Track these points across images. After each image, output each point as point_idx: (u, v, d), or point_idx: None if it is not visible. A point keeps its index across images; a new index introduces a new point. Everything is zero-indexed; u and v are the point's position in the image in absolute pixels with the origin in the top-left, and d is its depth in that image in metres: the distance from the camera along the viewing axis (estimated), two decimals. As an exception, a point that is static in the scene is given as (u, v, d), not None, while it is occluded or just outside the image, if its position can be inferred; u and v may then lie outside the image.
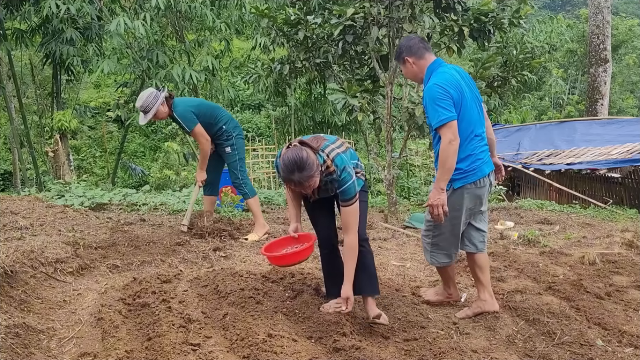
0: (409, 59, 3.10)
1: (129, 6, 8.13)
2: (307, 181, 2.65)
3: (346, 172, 2.78)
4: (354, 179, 2.80)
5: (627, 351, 2.77)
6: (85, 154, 14.56)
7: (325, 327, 2.84)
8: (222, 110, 4.89)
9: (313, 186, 2.71)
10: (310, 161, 2.64)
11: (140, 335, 2.71)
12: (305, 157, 2.63)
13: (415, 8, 5.45)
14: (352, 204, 2.83)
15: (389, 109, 5.89)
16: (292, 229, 3.11)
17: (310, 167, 2.63)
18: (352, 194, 2.81)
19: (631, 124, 11.34)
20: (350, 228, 2.85)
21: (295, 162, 2.62)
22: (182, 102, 4.70)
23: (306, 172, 2.62)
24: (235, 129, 4.84)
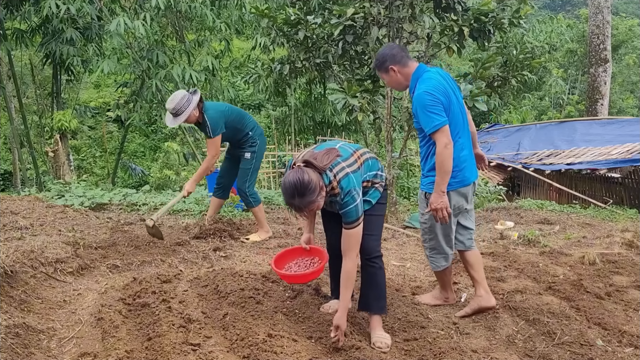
0: (394, 67, 3.13)
1: (129, 6, 8.13)
2: (308, 206, 2.54)
3: (350, 195, 2.61)
4: (357, 203, 2.63)
5: (627, 351, 2.77)
6: (85, 154, 14.57)
7: (325, 327, 2.84)
8: (248, 117, 4.81)
9: (316, 209, 2.62)
10: (312, 186, 2.49)
11: (140, 335, 2.71)
12: (306, 181, 2.49)
13: (415, 8, 5.45)
14: (354, 228, 2.66)
15: (389, 109, 5.89)
16: (304, 240, 3.02)
17: (311, 192, 2.49)
18: (353, 217, 2.64)
19: (631, 124, 11.35)
20: (349, 251, 2.69)
21: (295, 187, 2.49)
22: (215, 107, 4.56)
23: (307, 197, 2.50)
24: (260, 137, 4.75)
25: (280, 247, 4.62)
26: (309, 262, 3.03)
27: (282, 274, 2.96)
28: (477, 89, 5.38)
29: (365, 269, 2.90)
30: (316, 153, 2.67)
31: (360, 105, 5.48)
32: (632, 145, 9.75)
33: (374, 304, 2.88)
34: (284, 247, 4.59)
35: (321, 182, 2.56)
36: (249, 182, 4.72)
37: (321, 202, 2.57)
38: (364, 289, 2.91)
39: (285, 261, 3.08)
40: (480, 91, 5.36)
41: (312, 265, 2.99)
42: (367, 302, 2.90)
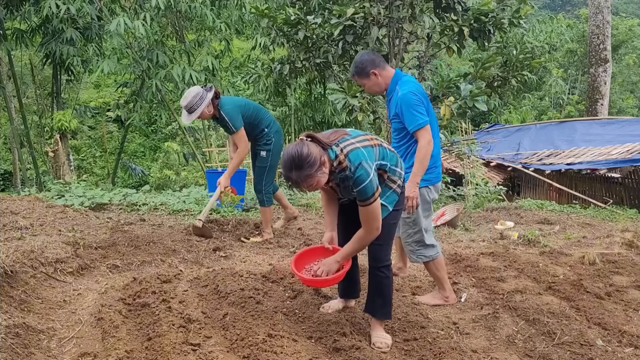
0: (375, 71, 3.30)
1: (129, 6, 8.13)
2: (305, 181, 2.40)
3: (362, 168, 2.44)
4: (371, 177, 2.45)
5: (627, 351, 2.77)
6: (85, 154, 14.57)
7: (325, 327, 2.84)
8: (265, 112, 4.75)
9: (316, 186, 2.46)
10: (311, 158, 2.36)
11: (140, 335, 2.71)
12: (305, 154, 2.36)
13: (415, 8, 5.46)
14: (370, 204, 2.50)
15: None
16: (327, 239, 2.87)
17: (310, 164, 2.36)
18: (369, 193, 2.47)
19: (631, 124, 11.35)
20: (368, 224, 2.56)
21: (293, 159, 2.37)
22: (230, 101, 4.54)
23: (304, 170, 2.37)
24: (276, 135, 4.70)
25: (280, 247, 4.62)
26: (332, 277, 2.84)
27: (301, 277, 2.81)
28: (477, 89, 5.38)
29: (373, 277, 2.83)
30: (322, 133, 2.59)
31: (360, 105, 5.49)
32: (632, 145, 9.75)
33: (378, 310, 2.85)
34: (284, 247, 4.60)
35: (323, 157, 2.42)
36: (265, 181, 4.70)
37: (322, 179, 2.44)
38: (370, 295, 2.86)
39: (305, 261, 2.92)
40: (480, 91, 5.36)
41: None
42: (373, 307, 2.86)
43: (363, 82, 3.37)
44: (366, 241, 2.63)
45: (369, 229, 2.58)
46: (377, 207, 2.52)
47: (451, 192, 8.18)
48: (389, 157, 2.69)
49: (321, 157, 2.41)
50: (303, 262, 2.91)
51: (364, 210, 2.54)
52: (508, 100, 17.45)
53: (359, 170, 2.45)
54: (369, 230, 2.58)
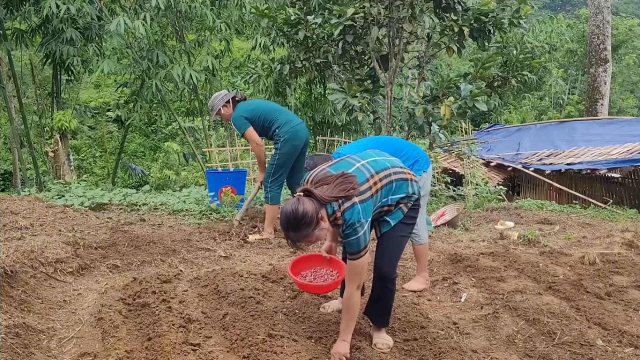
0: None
1: (129, 6, 8.13)
2: (303, 240, 2.42)
3: (352, 228, 2.45)
4: (359, 236, 2.45)
5: (627, 351, 2.77)
6: (85, 154, 14.57)
7: (325, 327, 2.85)
8: (279, 114, 4.90)
9: (315, 241, 2.49)
10: (307, 218, 2.34)
11: (140, 335, 2.71)
12: (300, 214, 2.34)
13: (415, 8, 5.45)
14: (356, 259, 2.50)
15: (389, 109, 5.90)
16: (326, 248, 2.91)
17: (306, 224, 2.35)
18: (354, 249, 2.48)
19: (631, 124, 11.35)
20: (351, 282, 2.55)
21: (288, 219, 2.37)
22: (240, 106, 4.89)
23: (302, 231, 2.37)
24: (287, 134, 4.79)
25: (280, 246, 4.62)
26: (327, 274, 2.91)
27: (297, 281, 2.83)
28: (477, 89, 5.38)
29: (377, 288, 2.80)
30: (329, 177, 2.48)
31: (360, 105, 5.49)
32: (632, 145, 9.75)
33: (378, 318, 2.84)
34: (284, 247, 4.60)
35: (321, 213, 2.40)
36: (271, 178, 4.86)
37: (321, 234, 2.44)
38: (372, 301, 2.84)
39: (301, 267, 2.95)
40: (480, 91, 5.36)
41: (329, 278, 2.87)
42: (373, 313, 2.85)
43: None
44: (353, 304, 2.58)
45: (352, 286, 2.55)
46: (363, 263, 2.53)
47: (451, 192, 8.18)
48: (396, 189, 2.64)
49: (318, 214, 2.38)
50: (300, 267, 2.93)
51: (350, 264, 2.54)
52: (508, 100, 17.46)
53: (349, 229, 2.46)
54: (352, 286, 2.55)
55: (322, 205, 2.41)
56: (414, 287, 3.63)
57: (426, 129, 5.69)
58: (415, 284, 3.67)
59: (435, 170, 8.56)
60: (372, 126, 6.48)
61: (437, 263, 4.25)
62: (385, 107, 5.94)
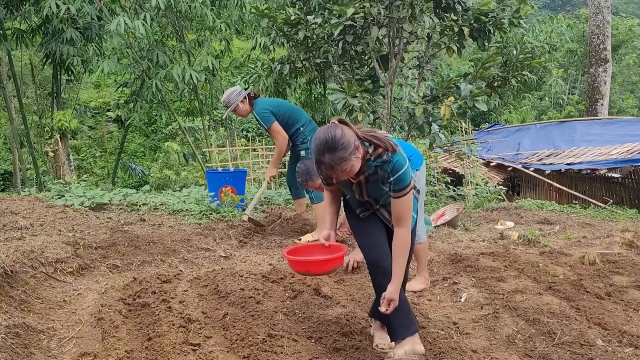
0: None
1: (129, 6, 8.13)
2: (340, 164, 2.23)
3: (400, 154, 2.35)
4: (408, 164, 2.36)
5: (627, 351, 2.77)
6: (85, 154, 14.57)
7: (325, 327, 2.84)
8: (301, 113, 4.96)
9: (349, 172, 2.30)
10: (345, 140, 2.22)
11: (140, 335, 2.71)
12: (338, 136, 2.22)
13: (415, 8, 5.45)
14: (406, 193, 2.37)
15: (389, 109, 5.90)
16: (324, 236, 2.72)
17: (344, 147, 2.21)
18: (407, 181, 2.36)
19: (631, 124, 11.35)
20: (403, 220, 2.41)
21: (326, 140, 2.22)
22: (262, 101, 4.88)
23: (339, 152, 2.21)
24: (312, 133, 4.76)
25: (280, 247, 4.62)
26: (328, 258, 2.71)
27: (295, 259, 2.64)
28: (477, 89, 5.38)
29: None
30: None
31: (360, 105, 5.49)
32: (632, 145, 9.75)
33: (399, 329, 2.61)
34: (284, 247, 4.59)
35: (357, 142, 2.27)
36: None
37: (356, 164, 2.28)
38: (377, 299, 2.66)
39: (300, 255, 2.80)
40: (480, 91, 5.36)
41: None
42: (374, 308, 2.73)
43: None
44: (407, 244, 2.44)
45: (405, 225, 2.43)
46: (411, 198, 2.42)
47: (451, 192, 8.18)
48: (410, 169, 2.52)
49: (355, 141, 2.26)
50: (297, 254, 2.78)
51: (399, 202, 2.39)
52: (508, 100, 17.45)
53: (397, 155, 2.34)
54: (405, 226, 2.43)
55: (357, 138, 2.28)
56: (414, 287, 3.63)
57: (426, 129, 5.69)
58: (415, 284, 3.67)
59: (435, 170, 8.55)
60: (372, 126, 6.48)
61: (437, 263, 4.25)
62: (385, 107, 5.94)
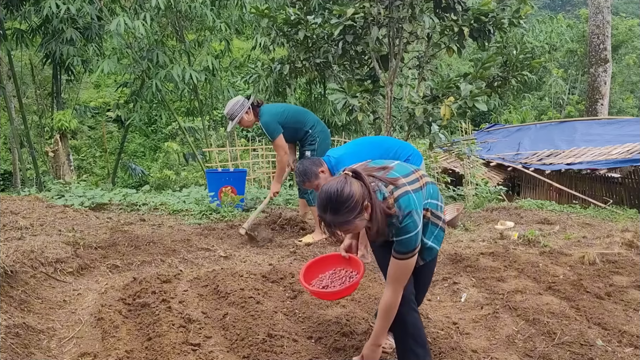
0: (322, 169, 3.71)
1: (129, 6, 8.13)
2: (341, 227, 2.08)
3: (410, 218, 2.11)
4: (418, 230, 2.12)
5: (627, 351, 2.77)
6: (85, 154, 14.56)
7: (325, 327, 2.84)
8: (308, 114, 4.97)
9: (352, 232, 2.20)
10: (352, 202, 2.02)
11: (140, 335, 2.71)
12: (345, 196, 2.02)
13: (415, 8, 5.45)
14: (408, 258, 2.17)
15: (389, 109, 5.89)
16: (345, 245, 2.55)
17: (349, 209, 2.03)
18: (410, 247, 2.14)
19: (631, 124, 11.35)
20: (396, 282, 2.21)
21: (330, 198, 2.04)
22: (268, 110, 4.80)
23: (341, 215, 2.04)
24: (321, 134, 4.86)
25: (280, 247, 4.62)
26: (346, 275, 2.57)
27: (311, 289, 2.52)
28: (477, 89, 5.38)
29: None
30: (370, 168, 2.25)
31: (360, 105, 5.48)
32: (632, 145, 9.75)
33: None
34: (284, 247, 4.59)
35: (366, 202, 2.07)
36: None
37: (360, 225, 2.11)
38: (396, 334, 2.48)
39: (318, 269, 2.63)
40: (480, 91, 5.36)
41: (347, 280, 2.54)
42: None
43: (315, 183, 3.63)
44: (394, 308, 2.24)
45: (395, 289, 2.22)
46: (412, 263, 2.20)
47: (451, 192, 8.17)
48: (433, 193, 2.36)
49: (364, 202, 2.06)
50: (315, 271, 2.63)
51: (398, 264, 2.19)
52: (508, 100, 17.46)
53: (408, 219, 2.11)
54: (395, 291, 2.22)
55: (369, 193, 2.09)
56: None
57: (426, 129, 5.69)
58: None
59: (435, 170, 8.55)
60: (372, 126, 6.49)
61: (437, 263, 4.24)
62: (385, 107, 5.94)
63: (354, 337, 2.77)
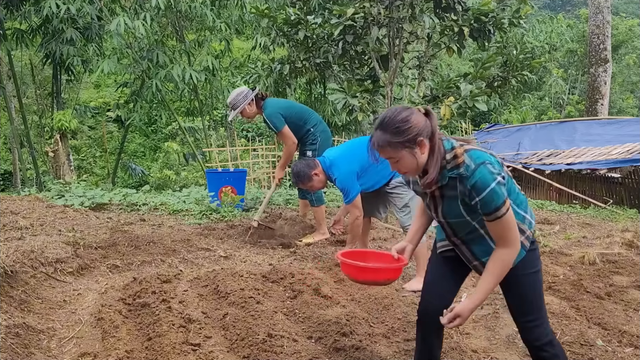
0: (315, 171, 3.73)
1: (129, 6, 8.13)
2: (383, 148, 1.82)
3: (485, 168, 1.76)
4: (497, 180, 1.76)
5: (627, 351, 2.77)
6: (85, 154, 14.56)
7: (325, 327, 2.84)
8: (312, 113, 4.97)
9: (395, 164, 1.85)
10: (406, 125, 1.77)
11: (140, 335, 2.71)
12: (400, 117, 1.79)
13: (415, 8, 5.45)
14: (501, 216, 1.79)
15: (389, 109, 5.89)
16: (399, 247, 2.18)
17: (398, 132, 1.78)
18: (498, 202, 1.77)
19: (631, 124, 11.34)
20: (503, 239, 1.84)
21: (385, 116, 1.82)
22: (272, 103, 4.80)
23: (388, 135, 1.79)
24: (322, 134, 4.87)
25: (281, 247, 4.62)
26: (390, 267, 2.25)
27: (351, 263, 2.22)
28: (477, 89, 5.38)
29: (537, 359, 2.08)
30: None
31: (360, 105, 5.48)
32: (632, 145, 9.74)
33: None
34: (284, 247, 4.59)
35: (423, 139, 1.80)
36: None
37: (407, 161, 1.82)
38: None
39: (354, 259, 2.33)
40: (480, 91, 5.36)
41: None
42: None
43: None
44: (504, 264, 1.86)
45: (506, 245, 1.85)
46: (511, 217, 1.82)
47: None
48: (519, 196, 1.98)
49: (419, 135, 1.79)
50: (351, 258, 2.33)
51: (493, 225, 1.83)
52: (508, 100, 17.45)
53: (479, 172, 1.77)
54: (507, 246, 1.85)
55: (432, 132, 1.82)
56: (414, 287, 3.63)
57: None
58: (415, 284, 3.66)
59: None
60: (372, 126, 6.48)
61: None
62: (385, 107, 5.93)
63: (354, 337, 2.77)
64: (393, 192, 3.70)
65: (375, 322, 3.05)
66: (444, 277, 2.15)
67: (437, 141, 1.83)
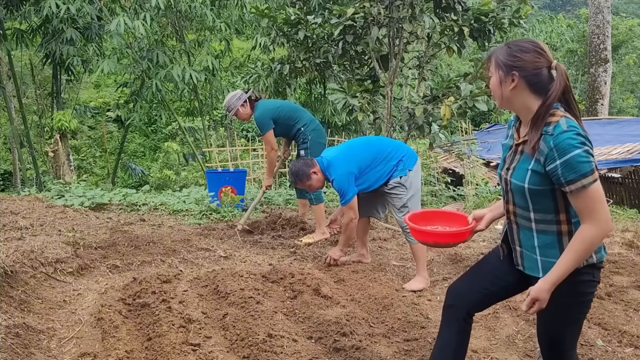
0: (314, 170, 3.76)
1: (129, 6, 8.13)
2: (505, 63, 1.80)
3: (576, 136, 1.68)
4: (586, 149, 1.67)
5: (627, 351, 2.77)
6: (85, 154, 14.57)
7: (325, 327, 2.84)
8: (303, 113, 5.04)
9: (499, 94, 1.86)
10: (529, 57, 1.77)
11: (140, 335, 2.71)
12: (528, 47, 1.79)
13: (415, 8, 5.45)
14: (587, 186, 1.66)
15: (389, 109, 5.89)
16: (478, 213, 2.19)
17: (522, 51, 1.79)
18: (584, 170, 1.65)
19: (631, 124, 11.35)
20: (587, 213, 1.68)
21: (519, 41, 1.84)
22: (263, 105, 4.90)
23: (512, 55, 1.78)
24: (313, 132, 4.92)
25: (281, 247, 4.62)
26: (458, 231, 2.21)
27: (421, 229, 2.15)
28: (477, 89, 5.37)
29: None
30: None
31: (360, 105, 5.48)
32: (632, 145, 9.74)
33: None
34: (284, 247, 4.58)
35: (526, 73, 1.77)
36: None
37: (494, 83, 1.85)
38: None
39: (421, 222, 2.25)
40: (480, 91, 5.35)
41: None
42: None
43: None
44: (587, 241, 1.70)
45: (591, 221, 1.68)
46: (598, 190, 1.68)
47: (451, 192, 8.18)
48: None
49: (518, 70, 1.78)
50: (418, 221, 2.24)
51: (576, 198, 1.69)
52: (508, 100, 17.43)
53: (568, 134, 1.67)
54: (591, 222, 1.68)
55: (557, 93, 1.75)
56: (414, 287, 3.64)
57: (426, 129, 5.69)
58: (415, 284, 3.67)
59: (435, 170, 8.55)
60: (372, 126, 6.48)
61: (437, 263, 4.24)
62: (385, 107, 5.93)
63: (354, 337, 2.77)
64: (391, 192, 3.70)
65: (375, 322, 3.05)
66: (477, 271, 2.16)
67: (553, 95, 1.74)
